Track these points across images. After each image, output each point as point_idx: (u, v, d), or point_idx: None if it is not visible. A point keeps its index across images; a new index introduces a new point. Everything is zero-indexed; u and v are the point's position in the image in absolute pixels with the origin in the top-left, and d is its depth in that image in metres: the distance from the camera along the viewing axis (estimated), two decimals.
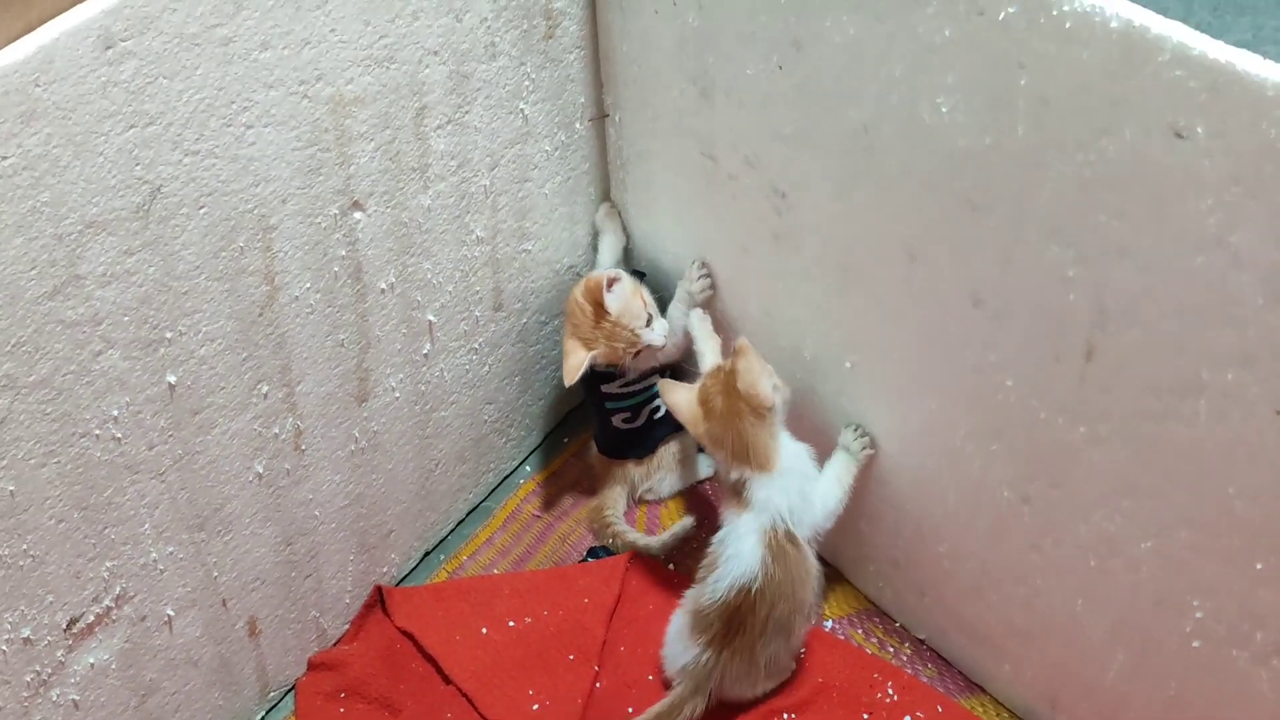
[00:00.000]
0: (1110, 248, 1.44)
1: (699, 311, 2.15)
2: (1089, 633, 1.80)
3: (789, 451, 1.95)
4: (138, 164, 1.48)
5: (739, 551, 1.91)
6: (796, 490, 1.94)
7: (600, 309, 2.12)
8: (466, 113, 1.93)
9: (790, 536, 1.91)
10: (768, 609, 1.90)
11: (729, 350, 1.97)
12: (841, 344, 1.93)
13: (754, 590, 1.89)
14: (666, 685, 2.04)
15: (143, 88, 1.45)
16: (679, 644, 1.98)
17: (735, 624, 1.91)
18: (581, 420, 2.58)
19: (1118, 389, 1.54)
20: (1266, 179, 1.25)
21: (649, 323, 2.16)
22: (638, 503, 2.39)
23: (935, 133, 1.56)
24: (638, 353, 2.17)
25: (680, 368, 2.29)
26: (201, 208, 1.58)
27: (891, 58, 1.56)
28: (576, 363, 2.13)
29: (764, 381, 1.88)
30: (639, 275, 2.26)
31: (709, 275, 2.16)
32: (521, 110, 2.04)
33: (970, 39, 1.46)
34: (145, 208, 1.51)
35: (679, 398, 1.99)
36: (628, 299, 2.14)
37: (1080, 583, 1.76)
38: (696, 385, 1.99)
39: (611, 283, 2.12)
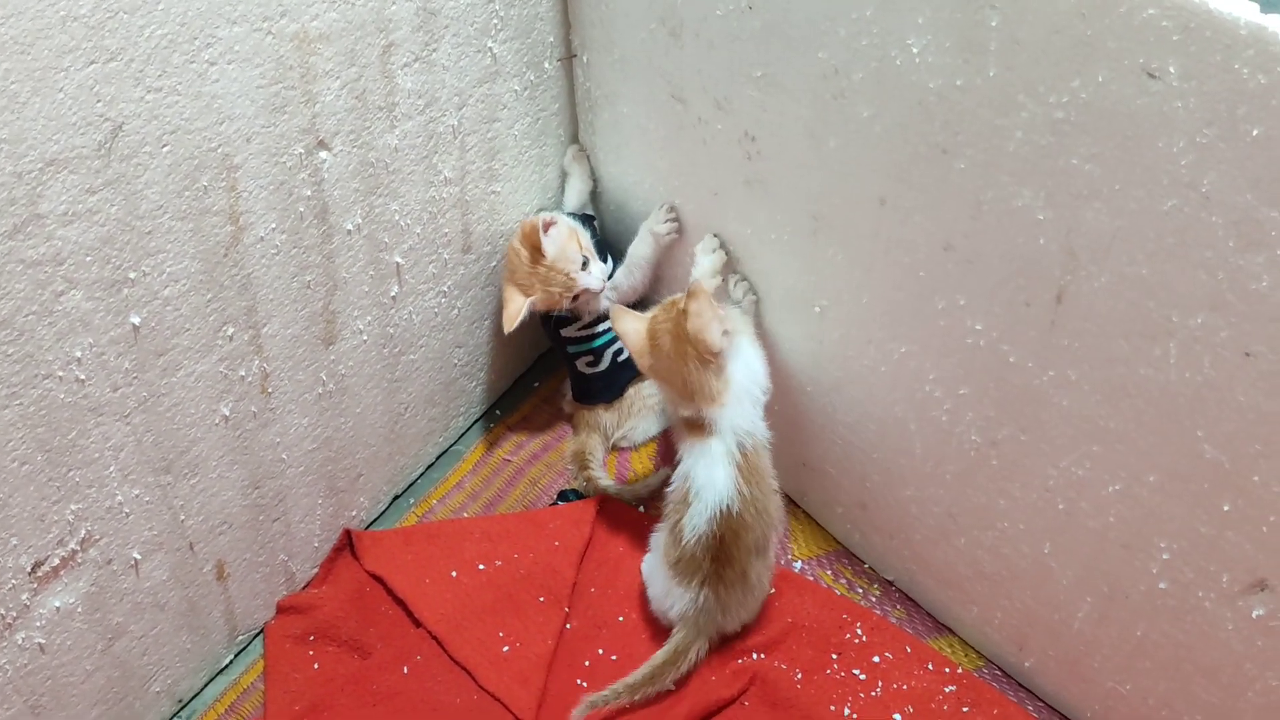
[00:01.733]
0: (1081, 191, 1.43)
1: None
2: (1057, 576, 1.81)
3: (740, 372, 1.92)
4: (98, 100, 1.45)
5: (711, 479, 1.89)
6: (751, 400, 1.93)
7: (536, 252, 2.11)
8: (434, 50, 1.91)
9: (755, 449, 1.91)
10: (748, 531, 1.90)
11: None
12: (811, 289, 1.93)
13: (735, 514, 1.88)
14: (639, 627, 2.07)
15: (103, 22, 1.42)
16: (668, 593, 1.98)
17: (723, 555, 1.90)
18: (552, 364, 2.58)
19: (1087, 333, 1.54)
20: (1239, 120, 1.25)
21: (585, 266, 2.15)
22: (612, 449, 2.39)
23: (906, 75, 1.55)
24: (576, 297, 2.17)
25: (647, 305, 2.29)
26: (164, 146, 1.56)
27: None
28: (515, 309, 2.13)
29: (713, 328, 1.84)
30: (588, 220, 2.26)
31: (676, 219, 2.15)
32: (490, 48, 2.02)
33: None
34: (107, 145, 1.49)
35: (628, 326, 1.96)
36: (564, 242, 2.13)
37: (1048, 527, 1.77)
38: (648, 315, 1.96)
39: (548, 226, 2.11)
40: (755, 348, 1.98)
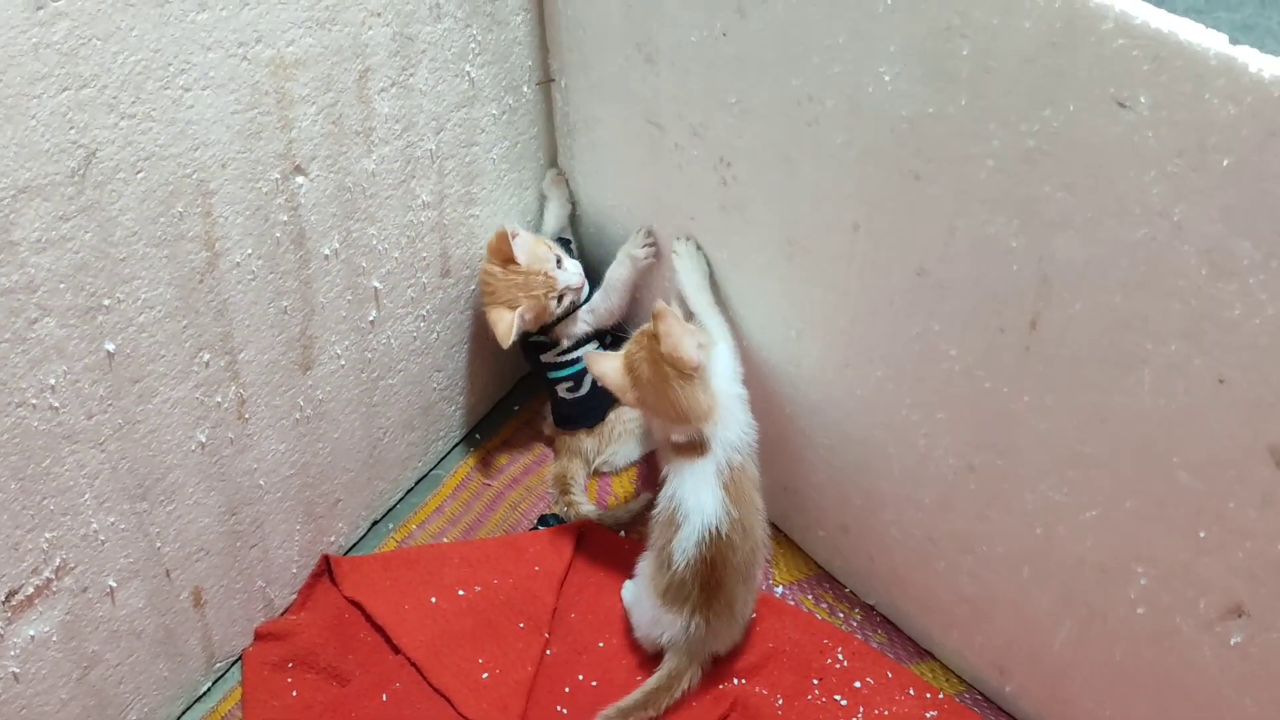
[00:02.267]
0: (1053, 219, 1.44)
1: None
2: (1036, 600, 1.81)
3: (719, 377, 1.92)
4: (72, 127, 1.45)
5: (700, 502, 1.89)
6: (739, 403, 1.93)
7: (509, 262, 2.12)
8: (411, 75, 1.91)
9: (743, 465, 1.91)
10: (735, 552, 1.89)
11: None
12: (787, 313, 1.93)
13: (723, 536, 1.87)
14: (620, 652, 2.07)
15: (76, 49, 1.41)
16: (657, 621, 1.97)
17: (712, 580, 1.89)
18: (532, 388, 2.57)
19: (1062, 360, 1.54)
20: (1209, 150, 1.25)
21: (559, 264, 2.16)
22: (593, 474, 2.39)
23: (878, 102, 1.55)
24: (561, 298, 2.17)
25: (620, 335, 2.28)
26: (139, 172, 1.55)
27: (834, 26, 1.55)
28: (506, 326, 2.12)
29: (686, 342, 1.84)
30: (565, 243, 2.28)
31: (654, 244, 2.15)
32: (467, 73, 2.02)
33: (912, 7, 1.45)
34: (80, 172, 1.48)
35: (606, 367, 1.95)
36: (532, 247, 2.14)
37: (1026, 551, 1.77)
38: (621, 352, 1.95)
39: (513, 236, 2.11)
40: (726, 343, 1.98)
